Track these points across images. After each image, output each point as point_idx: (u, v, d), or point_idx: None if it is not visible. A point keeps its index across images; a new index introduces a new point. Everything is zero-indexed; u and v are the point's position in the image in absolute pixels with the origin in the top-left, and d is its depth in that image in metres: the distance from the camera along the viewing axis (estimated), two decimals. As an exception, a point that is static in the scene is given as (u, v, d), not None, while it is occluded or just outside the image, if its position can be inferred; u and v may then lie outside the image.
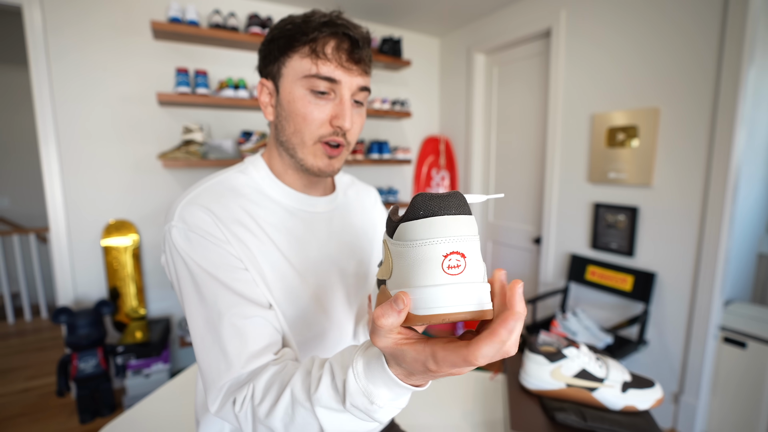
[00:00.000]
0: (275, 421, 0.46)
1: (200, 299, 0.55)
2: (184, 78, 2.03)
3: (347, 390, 0.40)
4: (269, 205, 0.64)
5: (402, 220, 0.34)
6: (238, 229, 0.59)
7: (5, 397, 2.16)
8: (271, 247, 0.61)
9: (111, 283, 2.14)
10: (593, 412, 0.67)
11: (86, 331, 1.89)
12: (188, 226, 0.56)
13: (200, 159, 2.08)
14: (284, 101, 0.60)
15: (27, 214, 3.84)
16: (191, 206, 0.58)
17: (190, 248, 0.56)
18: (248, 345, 0.53)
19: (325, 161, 0.63)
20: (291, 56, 0.59)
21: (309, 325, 0.65)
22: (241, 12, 2.29)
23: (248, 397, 0.49)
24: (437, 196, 0.32)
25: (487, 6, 2.48)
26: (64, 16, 1.91)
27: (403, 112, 2.74)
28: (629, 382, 0.70)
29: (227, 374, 0.51)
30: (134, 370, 1.99)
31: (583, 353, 0.72)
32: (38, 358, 2.62)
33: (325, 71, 0.57)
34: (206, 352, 0.53)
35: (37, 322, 3.22)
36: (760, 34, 1.61)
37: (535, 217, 2.53)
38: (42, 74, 1.89)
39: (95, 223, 2.09)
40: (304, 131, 0.60)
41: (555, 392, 0.72)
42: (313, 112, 0.59)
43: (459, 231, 0.32)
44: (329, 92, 0.59)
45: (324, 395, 0.42)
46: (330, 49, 0.57)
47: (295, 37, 0.58)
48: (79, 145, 2.01)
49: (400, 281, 0.35)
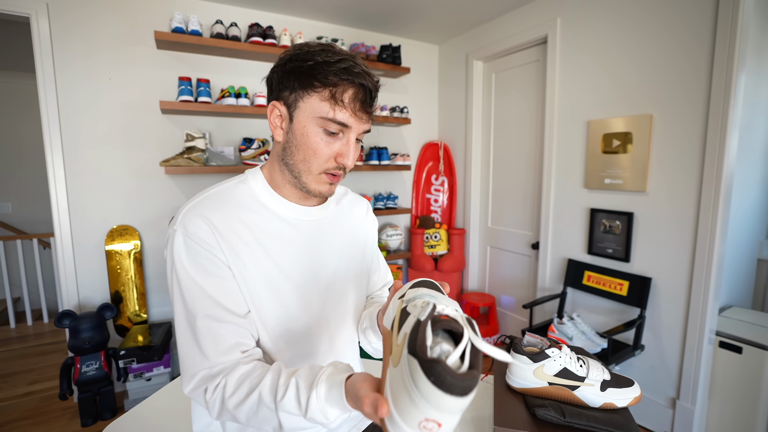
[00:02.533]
0: (240, 413, 0.57)
1: (182, 300, 0.63)
2: (187, 86, 2.08)
3: (309, 407, 0.51)
4: (265, 213, 0.71)
5: (425, 366, 0.35)
6: (232, 237, 0.66)
7: (8, 401, 2.19)
8: (262, 254, 0.68)
9: (113, 288, 2.18)
10: (572, 408, 0.69)
11: (89, 334, 1.92)
12: (187, 233, 0.63)
13: (202, 166, 2.12)
14: (297, 132, 0.67)
15: (29, 219, 3.89)
16: (192, 213, 0.65)
17: (184, 254, 0.63)
18: (219, 344, 0.62)
19: (326, 187, 0.71)
20: (311, 94, 0.64)
21: (298, 325, 0.70)
22: (242, 22, 2.34)
23: (220, 387, 0.59)
24: (462, 376, 0.34)
25: (485, 14, 2.52)
26: (70, 26, 1.98)
27: (403, 118, 2.78)
28: (608, 381, 0.72)
29: (200, 365, 0.61)
30: (136, 373, 2.02)
31: (564, 353, 0.74)
32: (40, 362, 2.65)
33: (341, 117, 0.64)
34: (185, 345, 0.63)
35: (38, 327, 3.26)
36: (750, 40, 1.64)
37: (533, 222, 2.55)
38: (48, 82, 1.95)
39: (98, 228, 2.13)
40: (312, 162, 0.67)
41: (538, 390, 0.75)
42: (323, 149, 0.66)
43: (452, 408, 0.35)
44: (339, 133, 0.66)
45: (287, 404, 0.53)
46: (347, 98, 0.64)
47: (317, 78, 0.63)
48: (84, 152, 2.06)
49: (393, 388, 0.40)
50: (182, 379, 0.63)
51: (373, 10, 2.43)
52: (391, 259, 2.87)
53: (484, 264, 2.99)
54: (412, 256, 2.96)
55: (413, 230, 2.98)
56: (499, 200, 2.82)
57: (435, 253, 2.98)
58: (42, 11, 1.91)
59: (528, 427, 0.67)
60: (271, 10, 2.42)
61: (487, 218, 2.92)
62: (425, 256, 2.94)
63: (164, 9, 2.16)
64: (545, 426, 0.67)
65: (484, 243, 2.96)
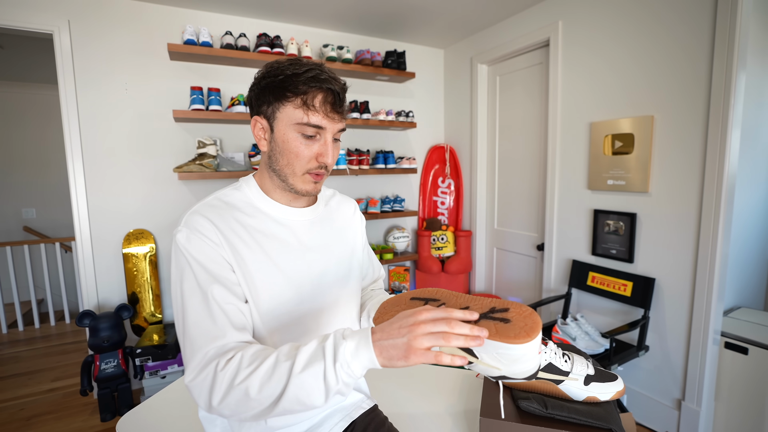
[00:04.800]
0: (252, 382, 0.57)
1: (197, 285, 0.67)
2: (198, 95, 2.17)
3: (337, 352, 0.56)
4: (259, 216, 0.78)
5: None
6: (232, 236, 0.72)
7: (33, 396, 2.31)
8: (260, 252, 0.74)
9: (130, 289, 2.27)
10: (554, 401, 0.73)
11: (107, 333, 2.02)
12: (190, 230, 0.70)
13: (213, 171, 2.20)
14: (279, 140, 0.74)
15: (52, 224, 4.07)
16: (195, 215, 0.71)
17: (189, 245, 0.69)
18: (233, 322, 0.66)
19: (312, 185, 0.77)
20: (285, 104, 0.72)
21: (292, 316, 0.76)
22: (250, 32, 2.43)
23: (235, 360, 0.60)
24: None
25: (488, 19, 2.56)
26: (89, 41, 2.08)
27: (408, 122, 2.82)
28: (592, 376, 0.76)
29: (216, 341, 0.63)
30: (151, 371, 2.10)
31: (550, 349, 0.77)
32: (62, 360, 2.77)
33: (315, 120, 0.71)
34: (197, 324, 0.64)
35: (60, 327, 3.40)
36: (753, 40, 1.64)
37: (538, 223, 2.57)
38: (69, 94, 2.05)
39: (116, 233, 2.24)
40: (295, 165, 0.74)
41: (524, 384, 0.78)
42: (303, 151, 0.73)
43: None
44: (316, 135, 0.73)
45: (312, 343, 0.58)
46: (318, 103, 0.71)
47: (288, 89, 0.70)
48: (102, 160, 2.17)
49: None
50: (189, 364, 0.62)
51: (378, 16, 2.48)
52: (398, 261, 2.91)
53: (490, 265, 3.01)
54: (419, 258, 3.00)
55: (420, 232, 3.02)
56: (504, 202, 2.84)
57: (442, 254, 3.02)
58: (64, 28, 2.02)
59: (512, 418, 0.71)
60: (279, 20, 2.50)
61: (493, 220, 2.95)
62: (432, 258, 2.98)
63: (177, 22, 2.26)
64: (529, 417, 0.71)
65: (491, 245, 2.98)
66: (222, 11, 2.34)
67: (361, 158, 2.68)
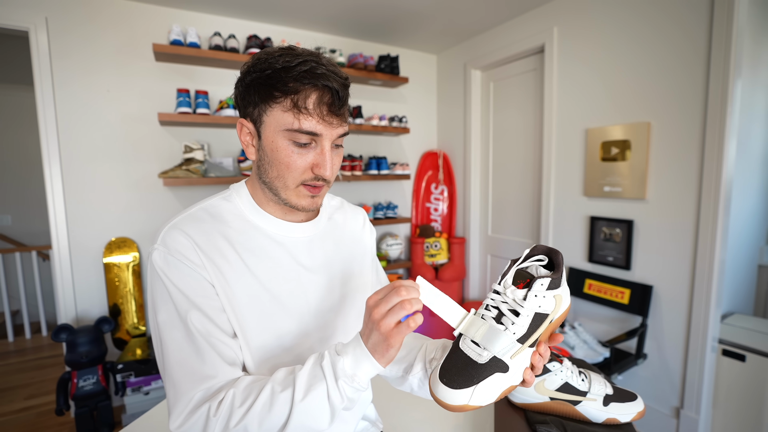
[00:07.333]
0: (251, 419, 0.52)
1: (177, 316, 0.58)
2: (185, 98, 2.09)
3: (336, 367, 0.54)
4: (249, 231, 0.66)
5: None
6: (215, 255, 0.62)
7: (4, 416, 2.17)
8: (246, 273, 0.63)
9: (112, 300, 2.16)
10: (574, 424, 0.68)
11: (86, 348, 1.90)
12: (168, 250, 0.59)
13: (200, 177, 2.12)
14: (267, 148, 0.62)
15: (29, 231, 3.89)
16: (173, 231, 0.61)
17: (167, 268, 0.59)
18: (224, 357, 0.58)
19: (308, 200, 0.65)
20: (272, 106, 0.59)
21: (287, 351, 0.65)
22: (240, 34, 2.36)
23: (227, 400, 0.54)
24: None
25: (482, 24, 2.54)
26: (68, 39, 1.99)
27: (402, 128, 2.78)
28: (611, 395, 0.71)
29: (204, 382, 0.55)
30: (134, 387, 1.99)
31: (566, 367, 0.73)
32: (37, 376, 2.62)
33: (307, 126, 0.59)
34: (181, 364, 0.56)
35: (37, 340, 3.24)
36: (746, 48, 1.65)
37: (533, 230, 2.54)
38: (47, 95, 1.95)
39: (97, 241, 2.13)
40: (287, 177, 0.62)
41: (539, 406, 0.73)
42: (296, 162, 0.61)
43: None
44: (310, 142, 0.61)
45: (307, 365, 0.55)
46: (311, 104, 0.58)
47: (276, 87, 0.58)
48: (82, 164, 2.06)
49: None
50: (173, 410, 0.55)
51: (371, 20, 2.45)
52: (391, 268, 2.86)
53: (484, 272, 2.98)
54: (413, 266, 2.95)
55: (413, 239, 2.97)
56: (499, 209, 2.81)
57: (435, 262, 2.97)
58: (41, 25, 1.92)
59: (530, 444, 0.66)
60: (269, 21, 2.44)
61: (487, 227, 2.92)
62: (426, 266, 2.93)
63: (163, 21, 2.17)
64: (547, 443, 0.66)
65: (485, 251, 2.95)
66: (210, 12, 2.27)
67: (353, 164, 2.63)
